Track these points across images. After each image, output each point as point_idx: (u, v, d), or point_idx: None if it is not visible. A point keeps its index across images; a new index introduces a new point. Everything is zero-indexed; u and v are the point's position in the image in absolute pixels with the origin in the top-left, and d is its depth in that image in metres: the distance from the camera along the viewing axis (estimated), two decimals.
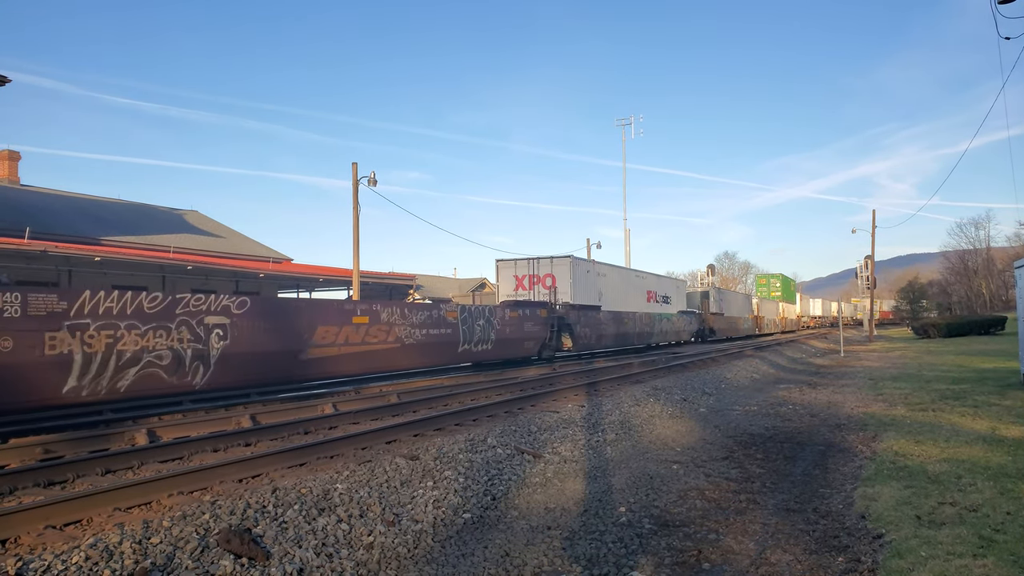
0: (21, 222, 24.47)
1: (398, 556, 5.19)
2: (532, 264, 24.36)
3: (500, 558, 5.28)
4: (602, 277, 26.74)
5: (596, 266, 26.74)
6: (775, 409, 13.04)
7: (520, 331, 19.89)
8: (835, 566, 5.02)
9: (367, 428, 8.64)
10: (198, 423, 9.24)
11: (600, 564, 5.18)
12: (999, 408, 11.31)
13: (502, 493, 6.78)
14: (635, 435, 9.97)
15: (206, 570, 4.33)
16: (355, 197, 25.65)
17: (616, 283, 28.29)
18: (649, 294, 32.26)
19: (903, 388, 15.22)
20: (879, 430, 9.93)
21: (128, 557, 4.29)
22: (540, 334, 20.97)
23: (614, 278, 28.30)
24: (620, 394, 12.89)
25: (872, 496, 6.46)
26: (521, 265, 24.61)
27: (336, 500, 5.71)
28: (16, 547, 4.47)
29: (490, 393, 12.90)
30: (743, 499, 6.87)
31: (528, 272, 24.21)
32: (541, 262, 23.91)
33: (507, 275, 24.63)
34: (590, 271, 25.71)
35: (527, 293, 23.78)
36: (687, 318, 36.85)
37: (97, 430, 8.61)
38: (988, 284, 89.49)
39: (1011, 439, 8.65)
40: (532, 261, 24.13)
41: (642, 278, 32.12)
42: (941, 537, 5.12)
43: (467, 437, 8.31)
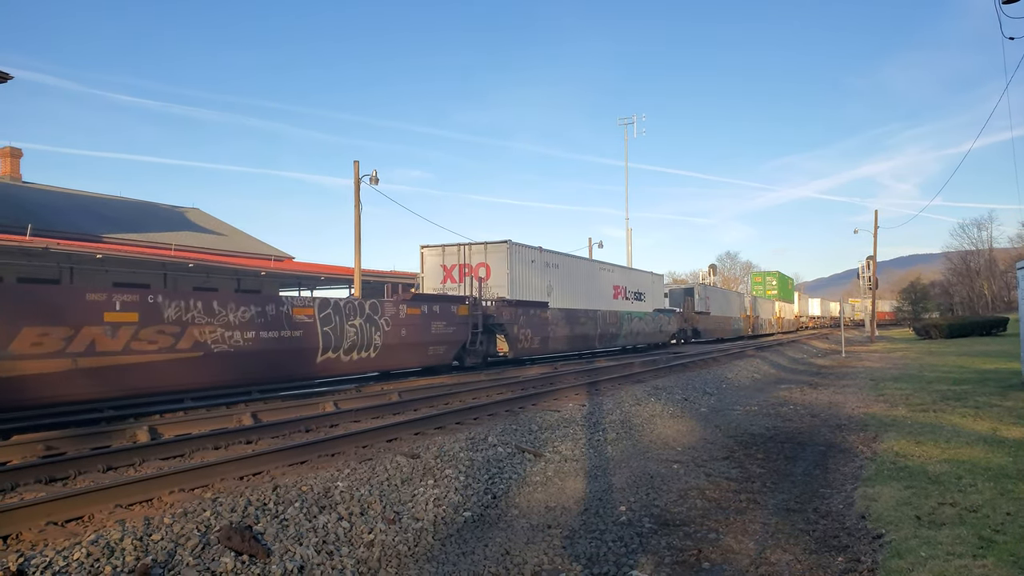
0: (23, 219, 24.52)
1: (399, 554, 5.20)
2: (463, 251, 20.34)
3: (500, 556, 5.29)
4: (552, 268, 22.76)
5: (545, 255, 22.47)
6: (776, 409, 13.04)
7: (423, 333, 15.57)
8: (835, 566, 5.02)
9: (368, 426, 8.65)
10: (199, 420, 9.26)
11: (600, 563, 5.19)
12: (1000, 409, 11.30)
13: (503, 492, 6.79)
14: (636, 434, 9.97)
15: (207, 567, 4.34)
16: (357, 195, 25.66)
17: (572, 276, 24.24)
18: (616, 289, 27.90)
19: (904, 389, 15.21)
20: (880, 431, 9.93)
21: (129, 554, 4.30)
22: (456, 336, 16.85)
23: (569, 270, 24.18)
24: (621, 393, 12.90)
25: (872, 496, 6.46)
26: (450, 252, 20.55)
27: (337, 498, 5.72)
28: (18, 543, 4.48)
29: (491, 392, 12.91)
30: (743, 499, 6.88)
31: (458, 261, 20.28)
32: (473, 248, 20.17)
33: (433, 264, 20.73)
34: (536, 261, 21.75)
35: (456, 287, 20.16)
36: (665, 317, 32.72)
37: (99, 427, 8.63)
38: (990, 285, 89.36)
39: (1012, 440, 8.65)
40: (463, 248, 20.33)
41: (608, 271, 27.63)
42: (941, 537, 5.12)
43: (468, 435, 8.31)
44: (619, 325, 27.00)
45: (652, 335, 31.12)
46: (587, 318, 24.35)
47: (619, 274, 28.82)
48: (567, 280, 23.83)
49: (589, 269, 26.31)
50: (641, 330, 29.60)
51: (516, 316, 19.41)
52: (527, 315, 20.05)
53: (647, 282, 32.20)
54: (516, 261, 20.40)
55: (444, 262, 20.65)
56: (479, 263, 20.14)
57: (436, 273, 20.58)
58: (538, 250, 22.00)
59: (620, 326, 27.10)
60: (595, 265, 27.08)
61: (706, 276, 56.36)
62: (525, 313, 19.94)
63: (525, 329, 19.79)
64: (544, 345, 21.07)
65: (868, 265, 50.65)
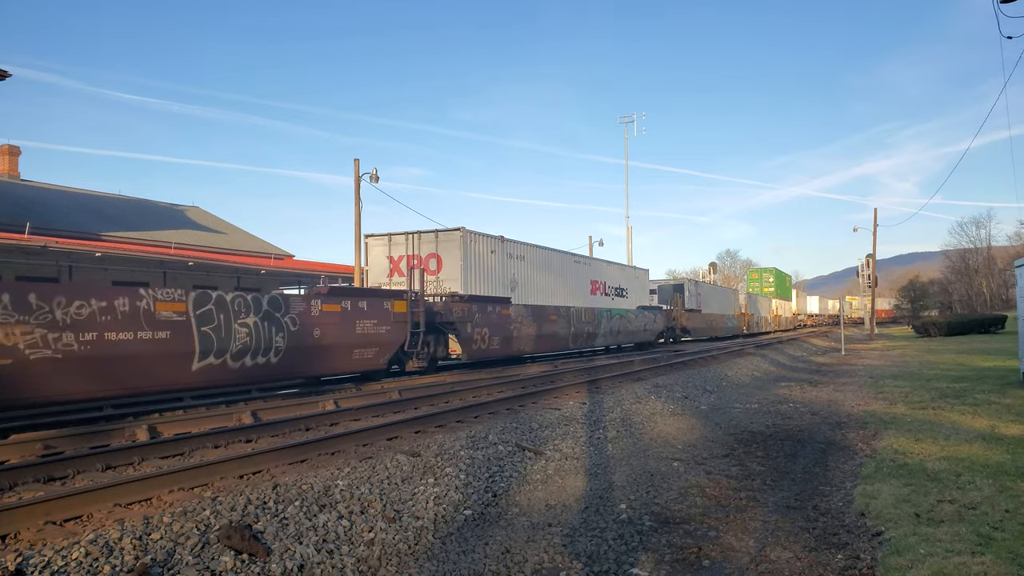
0: (21, 217, 24.48)
1: (399, 553, 5.20)
2: (411, 241, 18.09)
3: (501, 555, 5.29)
4: (517, 261, 20.53)
5: (508, 245, 20.15)
6: (776, 407, 13.05)
7: (344, 333, 13.11)
8: (834, 563, 5.03)
9: (368, 424, 8.65)
10: (199, 419, 9.25)
11: (601, 561, 5.19)
12: (999, 406, 11.31)
13: (503, 490, 6.79)
14: (636, 432, 9.97)
15: (207, 566, 4.34)
16: (357, 193, 25.65)
17: (541, 269, 21.96)
18: (594, 284, 25.75)
19: (903, 386, 15.22)
20: (879, 428, 9.94)
21: (128, 553, 4.30)
22: (390, 337, 14.31)
23: (538, 262, 21.87)
24: (621, 391, 12.90)
25: (872, 494, 6.46)
26: (397, 242, 18.32)
27: (337, 497, 5.72)
28: (16, 542, 4.48)
29: (492, 390, 12.91)
30: (743, 496, 6.88)
31: (407, 252, 18.03)
32: (423, 237, 17.97)
33: (379, 256, 18.47)
34: (496, 252, 19.45)
35: (402, 280, 17.83)
36: (650, 315, 30.36)
37: (98, 426, 8.62)
38: (989, 283, 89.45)
39: (1010, 437, 8.66)
40: (411, 237, 18.09)
41: (584, 264, 25.54)
42: (940, 535, 5.12)
43: (468, 434, 8.31)
44: (597, 323, 24.49)
45: (635, 334, 28.63)
46: (559, 316, 21.85)
47: (597, 268, 26.47)
48: (535, 274, 21.68)
49: (562, 262, 23.74)
50: (623, 329, 27.11)
51: (470, 313, 16.95)
52: (484, 312, 17.55)
53: (630, 277, 30.08)
54: (472, 252, 18.18)
55: (391, 253, 18.29)
56: (429, 254, 17.88)
57: (382, 266, 18.33)
58: (499, 240, 19.55)
59: (598, 324, 24.59)
60: (568, 258, 24.33)
61: (706, 274, 56.41)
62: (482, 310, 17.47)
63: (482, 328, 17.28)
64: (506, 346, 18.61)
65: (868, 263, 50.66)
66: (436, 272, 18.00)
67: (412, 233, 18.38)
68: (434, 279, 17.90)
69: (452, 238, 18.04)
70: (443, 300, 16.70)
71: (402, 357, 15.10)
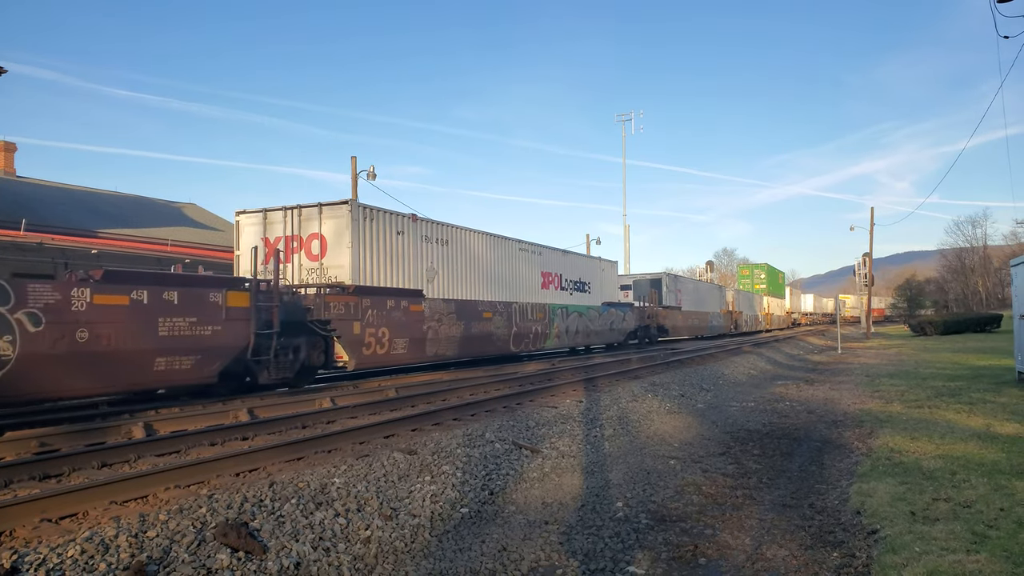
0: (17, 214, 24.38)
1: (395, 550, 5.20)
2: (291, 218, 14.42)
3: (497, 552, 5.30)
4: (438, 246, 16.70)
5: (423, 226, 16.30)
6: (772, 405, 13.07)
7: (137, 335, 9.44)
8: (830, 561, 5.04)
9: (365, 422, 8.64)
10: (195, 416, 9.24)
11: (597, 559, 5.20)
12: (994, 405, 11.35)
13: (500, 488, 6.80)
14: (633, 430, 9.99)
15: (203, 564, 4.33)
16: (354, 191, 25.62)
17: (471, 257, 18.27)
18: (547, 277, 22.27)
19: (899, 385, 15.27)
20: (875, 426, 9.97)
21: (124, 551, 4.29)
22: (221, 341, 10.52)
23: (467, 248, 18.08)
24: (618, 389, 12.91)
25: (867, 492, 6.48)
26: (274, 220, 14.66)
27: (333, 494, 5.71)
28: (11, 540, 4.46)
29: (489, 388, 12.91)
30: (740, 495, 6.90)
31: (285, 231, 14.52)
32: (304, 213, 14.38)
33: (252, 238, 14.74)
34: (405, 233, 15.54)
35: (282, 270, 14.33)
36: (619, 313, 26.95)
37: (94, 423, 8.59)
38: (985, 282, 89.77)
39: (1005, 436, 8.69)
40: (290, 212, 14.45)
41: (532, 253, 21.54)
42: (935, 533, 5.14)
43: (465, 432, 8.32)
44: (548, 322, 21.48)
45: (599, 334, 25.45)
46: (495, 313, 18.58)
47: (551, 258, 22.70)
48: (464, 263, 17.91)
49: (501, 249, 19.93)
50: (583, 328, 23.97)
51: (358, 310, 13.43)
52: (382, 309, 14.08)
53: (593, 270, 26.01)
54: (369, 232, 14.42)
55: (267, 234, 14.65)
56: (311, 235, 14.29)
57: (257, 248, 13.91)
58: (410, 218, 15.85)
59: (549, 323, 21.57)
60: (511, 245, 20.50)
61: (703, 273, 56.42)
62: (378, 306, 14.01)
63: (378, 328, 13.91)
64: (417, 349, 15.26)
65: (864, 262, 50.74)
66: (319, 257, 14.15)
67: (291, 208, 14.47)
68: (316, 266, 14.08)
69: (339, 213, 14.11)
70: (317, 292, 13.03)
71: (252, 367, 11.32)
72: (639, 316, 29.43)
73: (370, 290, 14.22)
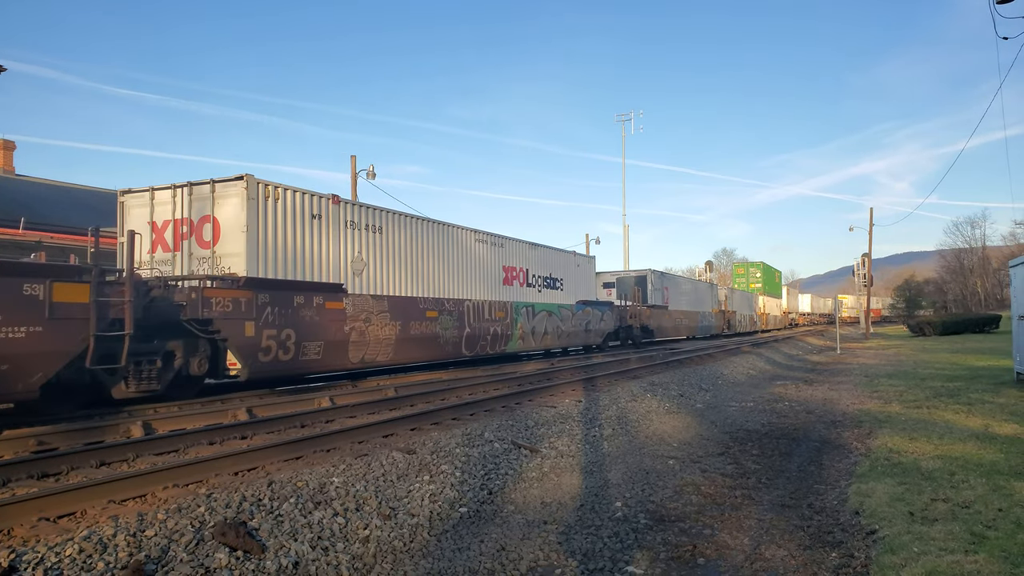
0: (15, 212, 24.35)
1: (394, 550, 5.19)
2: (180, 198, 12.39)
3: (496, 552, 5.29)
4: (366, 233, 14.47)
5: (347, 209, 14.06)
6: (771, 405, 13.08)
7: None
8: (828, 562, 5.04)
9: (364, 422, 8.63)
10: (194, 415, 9.23)
11: (596, 559, 5.20)
12: (992, 406, 11.36)
13: (499, 487, 6.79)
14: (632, 430, 9.99)
15: (201, 563, 4.32)
16: (354, 190, 25.62)
17: (412, 247, 15.89)
18: (510, 272, 20.08)
19: (898, 385, 15.28)
20: (874, 427, 9.97)
21: (122, 550, 4.28)
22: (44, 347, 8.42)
23: (407, 237, 15.74)
24: (617, 389, 12.92)
25: (866, 492, 6.49)
26: (162, 200, 12.59)
27: (332, 494, 5.71)
28: (9, 539, 4.46)
29: (488, 388, 12.90)
30: (738, 495, 6.90)
31: (175, 214, 12.44)
32: (195, 192, 12.31)
33: (138, 221, 12.74)
34: (323, 217, 13.34)
35: (168, 256, 12.46)
36: (596, 312, 24.87)
37: (92, 422, 8.58)
38: (983, 283, 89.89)
39: (1004, 436, 8.70)
40: (180, 191, 12.41)
41: (493, 245, 19.30)
42: (933, 533, 5.15)
43: (464, 431, 8.31)
44: (510, 322, 19.18)
45: (573, 335, 23.26)
46: (442, 311, 16.26)
47: (515, 251, 20.39)
48: (404, 253, 15.57)
49: (453, 240, 17.45)
50: (554, 329, 21.79)
51: (252, 307, 11.07)
52: (286, 306, 11.73)
53: (567, 265, 23.72)
54: (271, 214, 12.23)
55: (154, 217, 12.69)
56: (203, 217, 12.18)
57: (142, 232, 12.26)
58: (330, 200, 13.59)
59: (512, 323, 19.25)
60: (465, 235, 18.05)
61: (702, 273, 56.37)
62: (282, 302, 11.65)
63: (281, 330, 11.59)
64: (336, 354, 12.84)
65: (863, 262, 50.76)
66: (212, 244, 12.11)
67: (181, 186, 12.41)
68: (209, 255, 12.08)
69: (234, 192, 11.96)
70: (193, 286, 10.45)
71: (101, 378, 9.51)
72: (620, 316, 27.43)
73: (269, 283, 11.74)
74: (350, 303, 13.45)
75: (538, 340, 21.00)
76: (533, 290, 21.47)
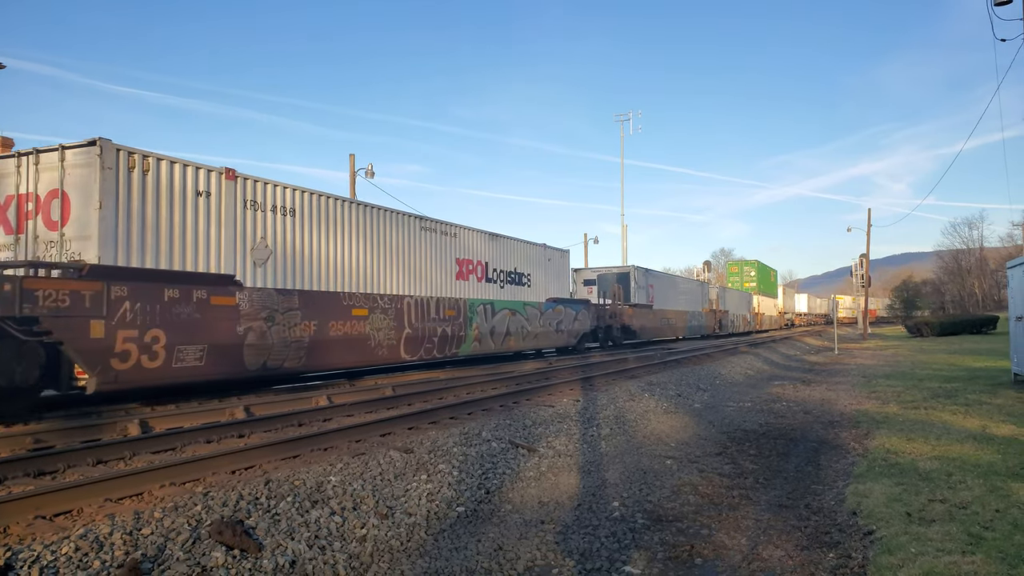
0: None
1: (391, 549, 5.19)
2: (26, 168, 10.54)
3: (493, 551, 5.29)
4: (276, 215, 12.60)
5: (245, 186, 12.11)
6: (769, 405, 13.09)
7: None
8: (826, 562, 5.05)
9: (361, 421, 8.63)
10: (191, 414, 9.21)
11: (593, 558, 5.19)
12: (990, 407, 11.38)
13: (496, 487, 6.79)
14: (629, 430, 9.99)
15: (197, 562, 4.32)
16: (352, 189, 25.60)
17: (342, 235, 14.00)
18: (465, 265, 18.09)
19: (896, 386, 15.30)
20: (871, 427, 9.98)
21: (119, 548, 4.27)
22: None
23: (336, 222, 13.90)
24: (615, 389, 12.92)
25: (863, 493, 6.49)
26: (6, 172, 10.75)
27: (329, 492, 5.70)
28: (6, 537, 4.44)
29: (486, 387, 12.90)
30: (736, 495, 6.90)
31: (19, 188, 10.58)
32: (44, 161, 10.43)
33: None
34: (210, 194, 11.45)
35: (10, 239, 10.63)
36: (568, 311, 22.60)
37: (89, 420, 8.57)
38: (981, 284, 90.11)
39: (1001, 437, 8.71)
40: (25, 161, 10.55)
41: (444, 234, 17.28)
42: (931, 534, 5.15)
43: (462, 430, 8.31)
44: (463, 322, 16.68)
45: (541, 337, 20.98)
46: (374, 309, 13.92)
47: (470, 242, 18.35)
48: (324, 240, 13.53)
49: (391, 227, 15.20)
50: (518, 329, 19.40)
51: (101, 302, 9.08)
52: (153, 301, 9.70)
53: (536, 259, 21.72)
54: (136, 188, 10.36)
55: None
56: (51, 192, 10.28)
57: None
58: (223, 173, 11.63)
59: (466, 323, 16.74)
60: (408, 222, 15.86)
61: (700, 272, 56.40)
62: (146, 296, 9.60)
63: (145, 331, 9.56)
64: (226, 360, 10.83)
65: (861, 263, 50.84)
66: (60, 225, 10.17)
67: (25, 154, 10.51)
68: (56, 237, 10.19)
69: (84, 161, 10.07)
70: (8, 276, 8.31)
71: None
72: (598, 315, 25.38)
73: (127, 273, 9.63)
74: (245, 298, 11.13)
75: (499, 342, 18.55)
76: (494, 286, 19.57)
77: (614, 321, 26.48)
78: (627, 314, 27.48)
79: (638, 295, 29.80)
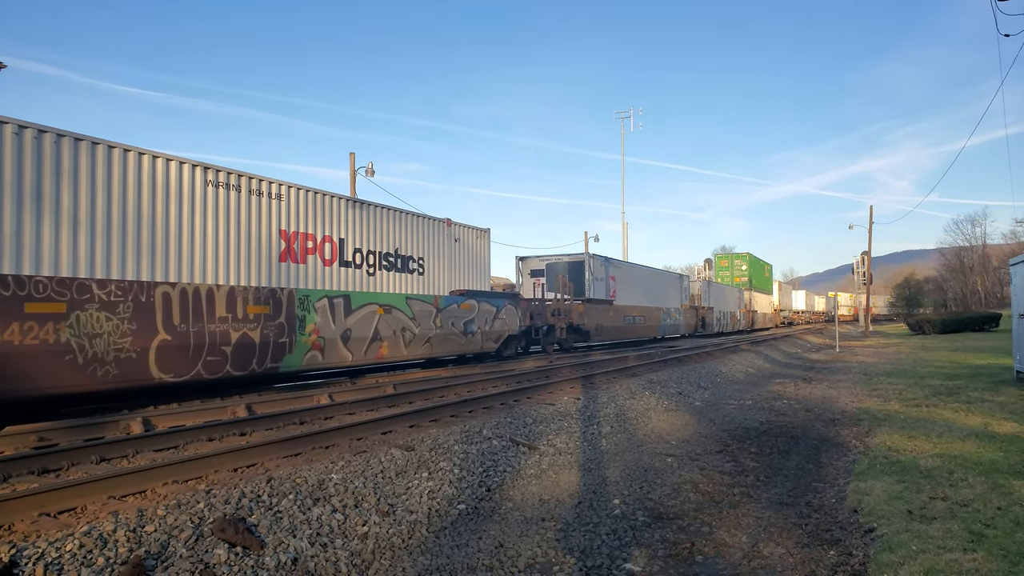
0: None
1: (392, 546, 5.21)
2: None
3: (494, 549, 5.31)
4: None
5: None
6: (770, 403, 13.09)
7: None
8: (827, 559, 5.05)
9: (363, 419, 8.65)
10: (194, 412, 9.24)
11: (594, 556, 5.21)
12: (992, 404, 11.37)
13: (497, 484, 6.81)
14: (630, 428, 10.00)
15: (200, 559, 4.34)
16: (352, 187, 25.61)
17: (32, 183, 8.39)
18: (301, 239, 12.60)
19: (897, 384, 15.29)
20: (873, 425, 9.98)
21: (122, 545, 4.29)
22: None
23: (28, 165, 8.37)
24: (616, 387, 12.93)
25: (864, 490, 6.50)
26: None
27: (331, 490, 5.72)
28: (10, 534, 4.47)
29: (486, 385, 12.92)
30: (737, 492, 6.91)
31: None
32: None
33: None
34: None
35: None
36: (487, 307, 18.02)
37: (92, 418, 8.59)
38: (984, 281, 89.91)
39: (1003, 435, 8.71)
40: None
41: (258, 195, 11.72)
42: (932, 531, 5.15)
43: (463, 428, 8.32)
44: (285, 323, 11.86)
45: (439, 341, 16.03)
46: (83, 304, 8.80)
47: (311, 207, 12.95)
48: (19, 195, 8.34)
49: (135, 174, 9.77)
50: (394, 332, 14.56)
51: None
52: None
53: (430, 237, 16.46)
54: None
55: None
56: None
57: None
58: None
59: (292, 325, 12.03)
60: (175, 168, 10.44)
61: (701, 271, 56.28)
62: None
63: None
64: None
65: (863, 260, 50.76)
66: None
67: None
68: None
69: None
70: None
71: None
72: (534, 312, 20.96)
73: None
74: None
75: (359, 349, 13.55)
76: (358, 271, 14.00)
77: (559, 320, 21.81)
78: (576, 311, 22.59)
79: (595, 288, 24.60)
